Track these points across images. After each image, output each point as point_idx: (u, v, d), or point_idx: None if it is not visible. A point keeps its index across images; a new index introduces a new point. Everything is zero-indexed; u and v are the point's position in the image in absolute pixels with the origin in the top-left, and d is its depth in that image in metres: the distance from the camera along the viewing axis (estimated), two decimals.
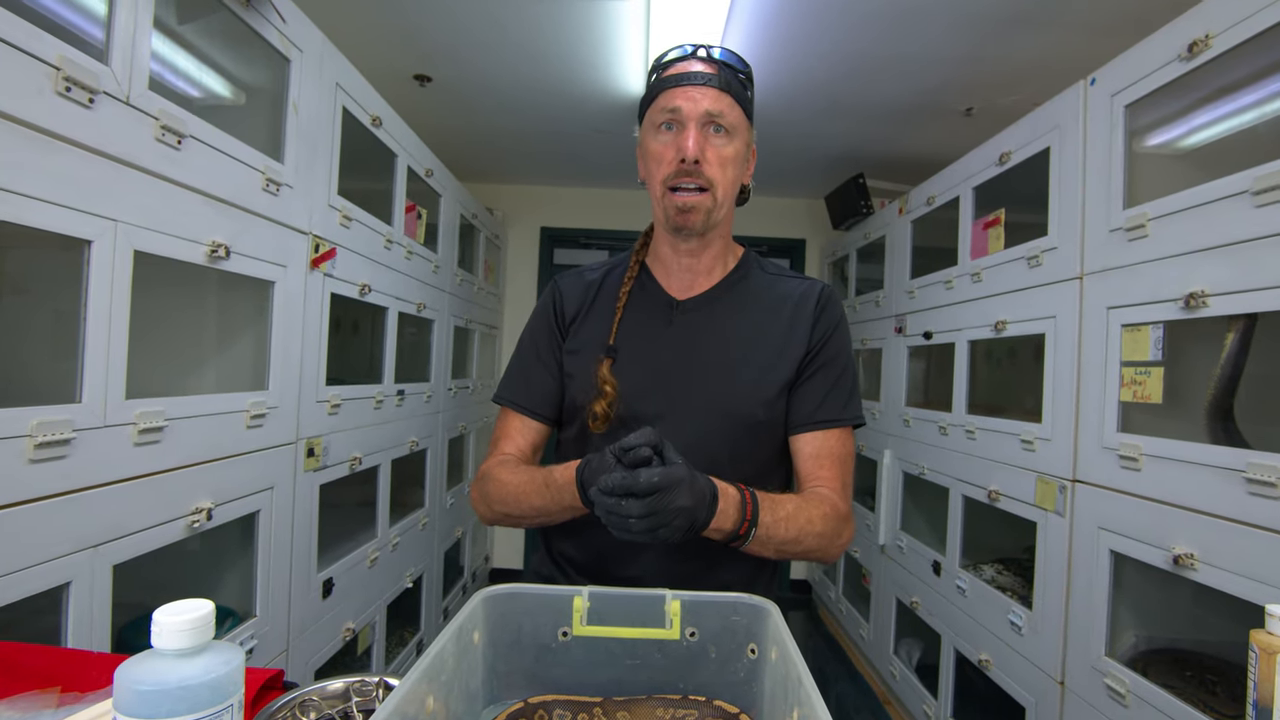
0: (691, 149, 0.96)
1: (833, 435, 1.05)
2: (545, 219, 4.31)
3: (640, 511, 0.77)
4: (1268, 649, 0.68)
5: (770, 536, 0.92)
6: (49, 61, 0.97)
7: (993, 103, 2.67)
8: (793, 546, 0.95)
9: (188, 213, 1.26)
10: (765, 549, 0.93)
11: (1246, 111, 1.49)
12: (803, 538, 0.95)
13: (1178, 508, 1.40)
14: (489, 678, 0.75)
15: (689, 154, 0.96)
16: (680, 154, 0.97)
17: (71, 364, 1.06)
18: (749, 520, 0.89)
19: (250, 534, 1.55)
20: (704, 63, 1.00)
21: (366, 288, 2.00)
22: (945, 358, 2.49)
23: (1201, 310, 1.36)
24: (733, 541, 0.90)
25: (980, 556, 2.30)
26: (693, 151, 0.96)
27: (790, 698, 0.60)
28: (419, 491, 2.74)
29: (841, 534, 1.00)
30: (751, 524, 0.90)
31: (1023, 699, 1.89)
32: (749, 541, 0.91)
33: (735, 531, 0.89)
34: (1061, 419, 1.78)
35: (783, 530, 0.93)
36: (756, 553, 0.94)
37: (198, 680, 0.45)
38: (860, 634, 3.24)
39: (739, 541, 0.90)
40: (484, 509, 1.07)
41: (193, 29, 1.46)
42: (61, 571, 1.03)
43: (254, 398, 1.50)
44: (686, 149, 0.96)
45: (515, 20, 2.21)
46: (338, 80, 1.79)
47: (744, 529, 0.89)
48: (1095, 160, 1.70)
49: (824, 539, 0.97)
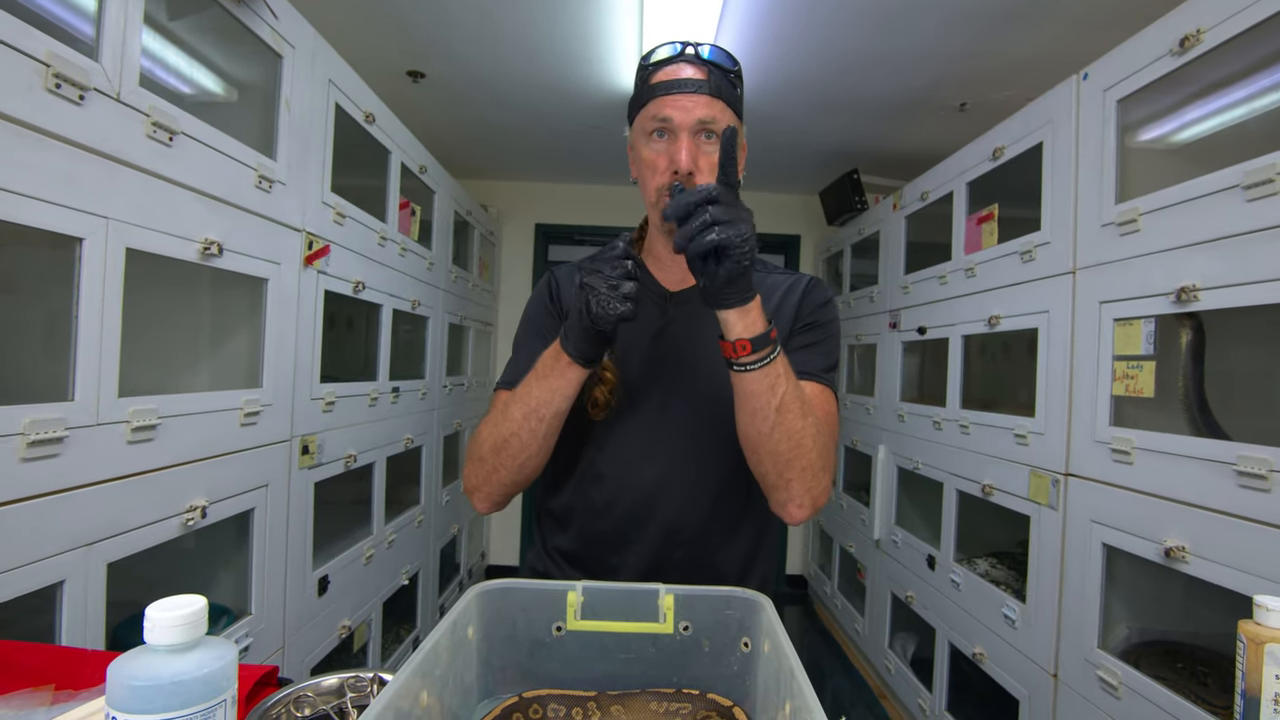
0: (685, 161, 0.95)
1: (811, 387, 1.01)
2: (540, 215, 4.31)
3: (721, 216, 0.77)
4: (1255, 639, 0.69)
5: (786, 376, 0.87)
6: (38, 58, 0.97)
7: (986, 98, 2.67)
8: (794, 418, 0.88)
9: (180, 210, 1.26)
10: (773, 394, 0.87)
11: (1237, 106, 1.50)
12: (806, 414, 0.89)
13: (1169, 500, 1.41)
14: (484, 672, 0.75)
15: (683, 167, 0.95)
16: (674, 165, 0.96)
17: (64, 362, 1.06)
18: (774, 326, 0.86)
19: (245, 532, 1.55)
20: (693, 65, 0.99)
21: (360, 285, 2.00)
22: (939, 353, 2.50)
23: (1193, 304, 1.37)
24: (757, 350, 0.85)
25: (974, 550, 2.31)
26: (686, 164, 0.95)
27: (783, 690, 0.60)
28: (414, 488, 2.74)
29: (827, 468, 0.95)
30: (777, 341, 0.87)
31: (1016, 692, 1.90)
32: (773, 357, 0.85)
33: (766, 333, 0.85)
34: (1054, 413, 1.79)
35: (793, 386, 0.88)
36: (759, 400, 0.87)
37: (191, 675, 0.45)
38: (856, 628, 3.26)
39: (765, 350, 0.85)
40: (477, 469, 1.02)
41: (184, 25, 1.45)
42: (55, 570, 1.03)
43: (248, 395, 1.49)
44: (680, 161, 0.95)
45: (508, 15, 2.20)
46: (330, 77, 1.78)
47: (774, 333, 0.85)
48: (1088, 155, 1.70)
49: (816, 444, 0.91)
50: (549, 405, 0.94)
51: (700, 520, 1.02)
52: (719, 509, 1.03)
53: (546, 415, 0.94)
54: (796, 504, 0.94)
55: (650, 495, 1.02)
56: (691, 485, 1.01)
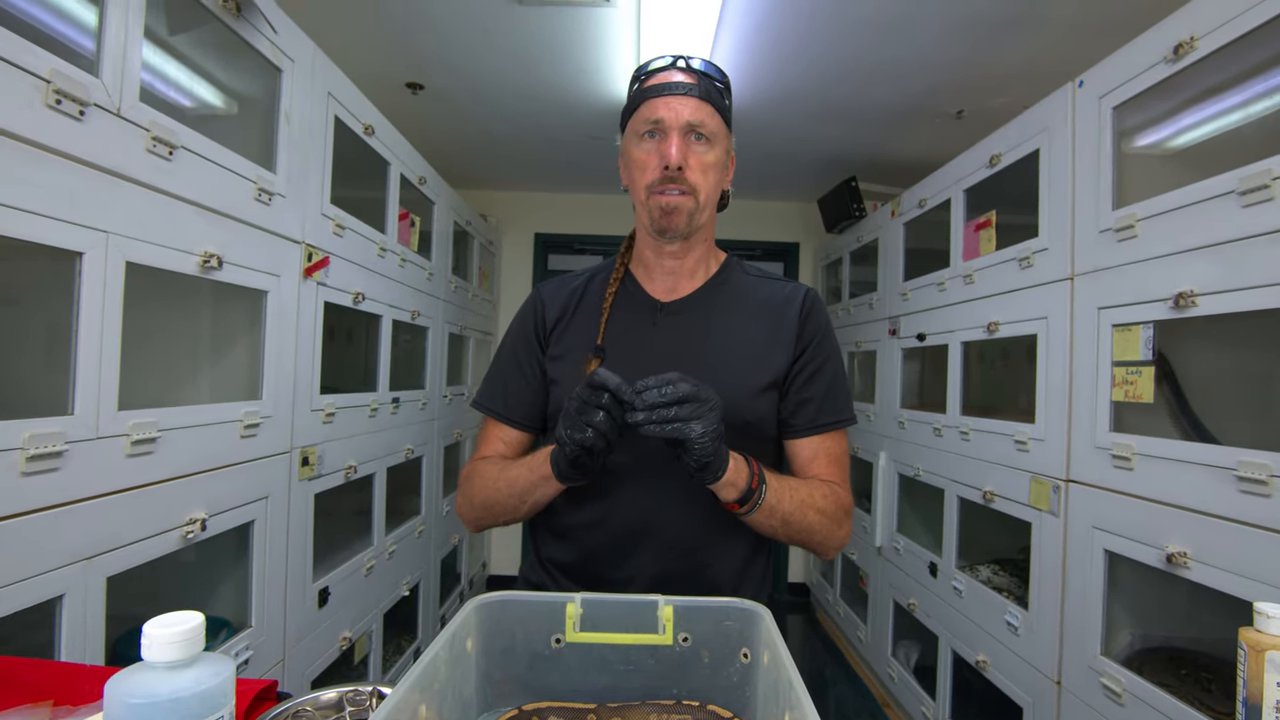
0: (675, 156, 0.99)
1: (830, 436, 1.08)
2: (539, 225, 4.32)
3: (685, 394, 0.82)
4: (1256, 646, 0.69)
5: (779, 502, 0.95)
6: (39, 74, 0.97)
7: (983, 105, 2.68)
8: (799, 519, 0.97)
9: (179, 223, 1.26)
10: (773, 518, 0.95)
11: (1232, 113, 1.50)
12: (806, 511, 0.97)
13: (1170, 506, 1.41)
14: (483, 685, 0.75)
15: (672, 161, 0.99)
16: (664, 161, 1.00)
17: (63, 376, 1.06)
18: (757, 475, 0.93)
19: (245, 544, 1.55)
20: (684, 73, 1.03)
21: (360, 296, 2.00)
22: (939, 359, 2.50)
23: (1190, 310, 1.37)
24: (744, 503, 0.92)
25: (976, 557, 2.31)
26: (676, 159, 0.99)
27: (782, 701, 0.60)
28: (415, 499, 2.74)
29: (843, 524, 1.04)
30: (761, 480, 0.93)
31: (1020, 699, 1.89)
32: (761, 502, 0.93)
33: (749, 486, 0.91)
34: (1054, 419, 1.79)
35: (788, 499, 0.96)
36: (763, 524, 0.96)
37: (189, 692, 0.45)
38: (858, 636, 3.24)
39: (750, 501, 0.92)
40: (466, 509, 1.10)
41: (184, 39, 1.46)
42: (54, 584, 1.03)
43: (248, 407, 1.49)
44: (670, 156, 0.99)
45: (506, 28, 2.22)
46: (329, 89, 1.79)
47: (755, 482, 0.92)
48: (1084, 162, 1.71)
49: (826, 519, 1.00)
50: (532, 497, 1.01)
51: (696, 531, 1.03)
52: (714, 520, 1.03)
53: (529, 501, 1.02)
54: (827, 556, 1.07)
55: (646, 508, 1.02)
56: (686, 497, 1.01)
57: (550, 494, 1.00)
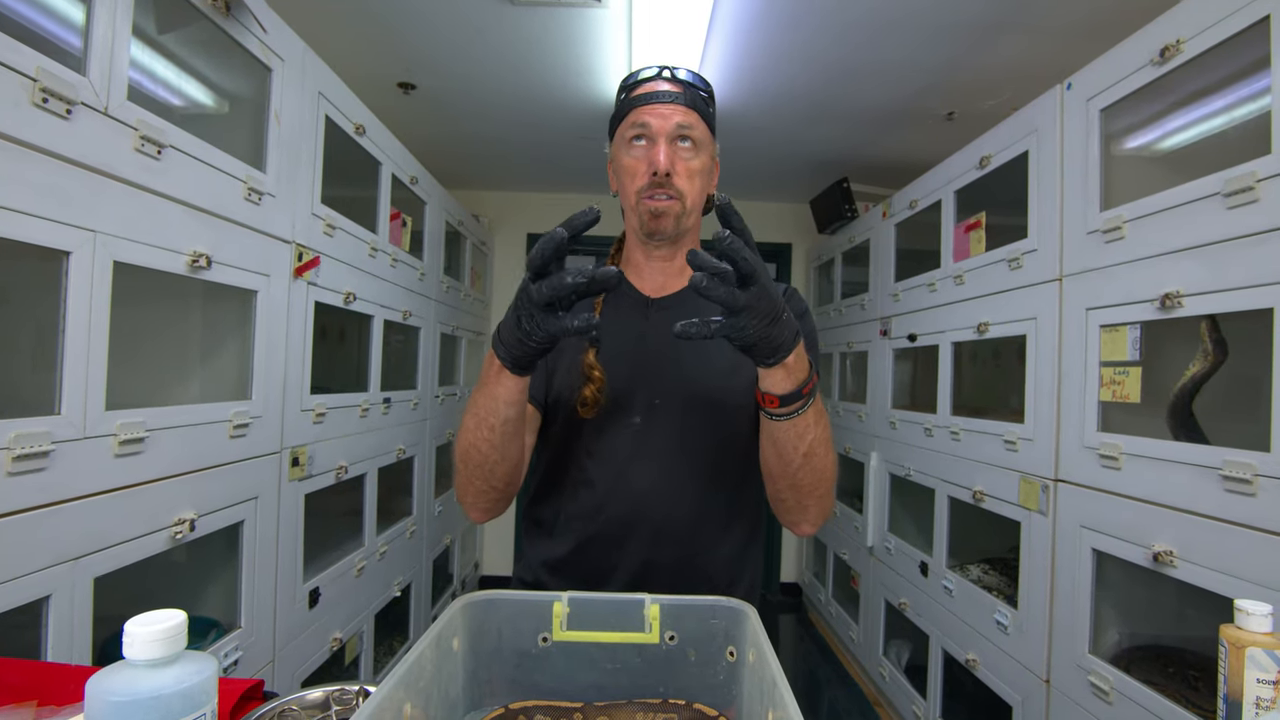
0: (663, 162, 1.01)
1: None
2: (532, 225, 4.32)
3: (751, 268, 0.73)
4: (1237, 643, 0.69)
5: (817, 422, 0.89)
6: (26, 73, 0.97)
7: (973, 107, 2.70)
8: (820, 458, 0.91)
9: (168, 223, 1.26)
10: (801, 441, 0.89)
11: (1217, 116, 1.52)
12: (828, 451, 0.93)
13: (1157, 505, 1.42)
14: (470, 684, 0.75)
15: (661, 167, 1.01)
16: (652, 167, 1.02)
17: (50, 375, 1.05)
18: (814, 379, 0.87)
19: (234, 545, 1.54)
20: (670, 82, 1.06)
21: (351, 296, 2.00)
22: (931, 360, 2.51)
23: (1177, 310, 1.38)
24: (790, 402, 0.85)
25: (967, 557, 2.32)
26: (664, 165, 1.01)
27: (765, 699, 0.61)
28: (406, 499, 2.74)
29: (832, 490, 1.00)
30: (816, 387, 0.88)
31: (1009, 698, 1.90)
32: (807, 407, 0.86)
33: (797, 390, 0.84)
34: (1043, 419, 1.80)
35: (823, 426, 0.91)
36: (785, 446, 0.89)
37: (170, 690, 0.45)
38: (850, 636, 3.25)
39: (798, 403, 0.85)
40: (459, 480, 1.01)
41: (173, 38, 1.46)
42: (41, 585, 1.03)
43: (237, 407, 1.49)
44: (658, 162, 1.01)
45: (498, 28, 2.22)
46: (320, 89, 1.79)
47: (810, 385, 0.86)
48: (1072, 163, 1.72)
49: (831, 474, 0.96)
50: (496, 414, 0.89)
51: (690, 520, 1.04)
52: (708, 509, 1.04)
53: (495, 424, 0.90)
54: (810, 524, 1.01)
55: (640, 497, 1.03)
56: (680, 486, 1.03)
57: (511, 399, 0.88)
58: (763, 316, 0.76)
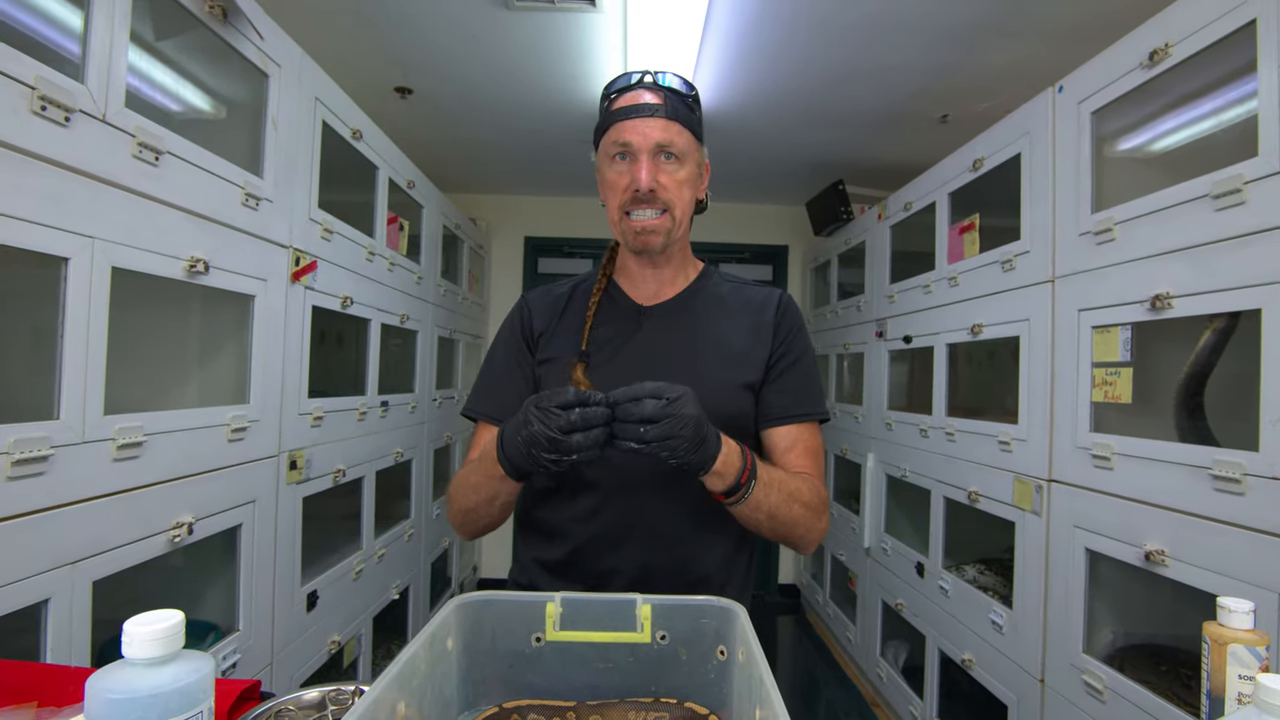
0: (645, 180, 1.02)
1: (806, 428, 1.11)
2: (529, 229, 4.33)
3: (654, 413, 0.81)
4: (1219, 639, 0.71)
5: (766, 496, 0.94)
6: (25, 81, 0.98)
7: (967, 110, 2.71)
8: (784, 512, 0.97)
9: (166, 229, 1.27)
10: (758, 512, 0.95)
11: (1206, 119, 1.53)
12: (792, 505, 0.98)
13: (1148, 505, 1.43)
14: (464, 684, 0.76)
15: (643, 185, 1.02)
16: (634, 184, 1.03)
17: (49, 381, 1.06)
18: (749, 470, 0.92)
19: (232, 548, 1.55)
20: (651, 91, 1.05)
21: (349, 300, 2.01)
22: (926, 361, 2.52)
23: (1167, 311, 1.39)
24: (731, 495, 0.92)
25: (962, 557, 2.33)
26: (646, 183, 1.02)
27: (754, 698, 0.61)
28: (404, 503, 2.74)
29: (822, 517, 1.05)
30: (752, 475, 0.92)
31: (1005, 697, 1.91)
32: (749, 494, 0.92)
33: (738, 480, 0.91)
34: (1037, 420, 1.81)
35: (775, 492, 0.96)
36: (748, 517, 0.96)
37: (168, 688, 0.46)
38: (847, 636, 3.26)
39: (738, 493, 0.92)
40: (454, 518, 1.10)
41: (170, 45, 1.47)
42: (40, 589, 1.03)
43: (235, 411, 1.50)
44: (640, 180, 1.02)
45: (492, 33, 2.23)
46: (317, 94, 1.80)
47: (745, 477, 0.91)
48: (1064, 166, 1.73)
49: (809, 512, 1.00)
50: (497, 498, 1.00)
51: (684, 523, 1.05)
52: (702, 512, 1.05)
53: (497, 504, 1.02)
54: (806, 548, 1.06)
55: (635, 501, 1.05)
56: (674, 490, 1.04)
57: (510, 490, 0.99)
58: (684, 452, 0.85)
